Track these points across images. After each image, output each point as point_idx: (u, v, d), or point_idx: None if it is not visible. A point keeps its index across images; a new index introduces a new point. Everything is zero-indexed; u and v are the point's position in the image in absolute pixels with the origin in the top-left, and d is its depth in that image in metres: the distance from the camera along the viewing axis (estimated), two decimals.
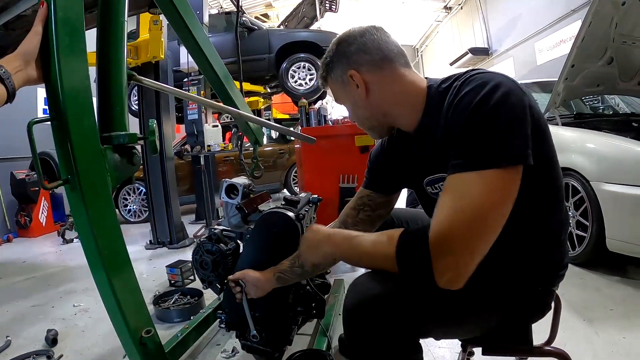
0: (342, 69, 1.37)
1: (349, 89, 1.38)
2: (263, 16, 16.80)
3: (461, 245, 1.03)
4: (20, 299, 3.72)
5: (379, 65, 1.33)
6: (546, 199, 1.23)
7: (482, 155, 1.04)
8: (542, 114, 1.17)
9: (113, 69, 1.56)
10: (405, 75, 1.35)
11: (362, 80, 1.34)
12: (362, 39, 1.35)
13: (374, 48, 1.33)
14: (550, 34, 11.49)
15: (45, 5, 1.27)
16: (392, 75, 1.34)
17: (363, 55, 1.33)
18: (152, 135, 1.55)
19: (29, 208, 7.07)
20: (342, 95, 1.44)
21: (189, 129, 5.98)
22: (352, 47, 1.35)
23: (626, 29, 3.70)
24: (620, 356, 2.13)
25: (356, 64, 1.34)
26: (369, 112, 1.40)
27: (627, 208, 3.01)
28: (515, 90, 1.08)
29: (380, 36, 1.36)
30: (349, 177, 3.32)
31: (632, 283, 3.09)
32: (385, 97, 1.35)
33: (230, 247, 2.02)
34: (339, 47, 1.38)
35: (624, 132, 3.49)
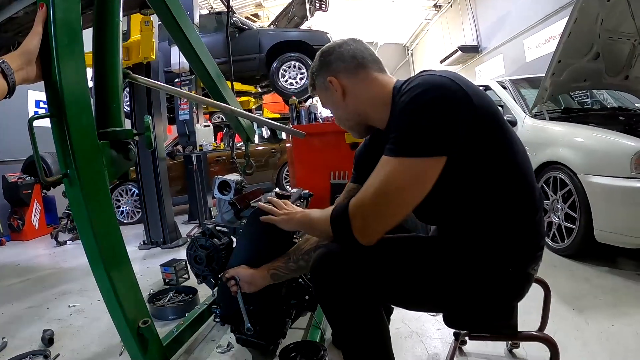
0: (323, 76, 1.57)
1: (330, 93, 1.58)
2: (253, 16, 16.80)
3: (368, 212, 1.27)
4: (15, 300, 3.71)
5: (354, 71, 1.52)
6: (510, 184, 1.32)
7: (402, 145, 1.22)
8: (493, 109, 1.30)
9: (109, 68, 1.60)
10: (378, 79, 1.53)
11: (340, 85, 1.53)
12: (339, 49, 1.55)
13: (350, 57, 1.53)
14: (539, 31, 11.57)
15: (44, 6, 1.31)
16: (365, 79, 1.52)
17: (340, 63, 1.53)
18: (147, 131, 1.61)
19: (22, 211, 7.04)
20: (325, 99, 1.64)
21: (180, 129, 5.98)
22: (332, 56, 1.55)
23: (612, 25, 3.75)
24: (609, 343, 2.17)
25: (334, 71, 1.54)
26: (347, 113, 1.59)
27: (614, 199, 3.08)
28: (449, 92, 1.23)
29: (356, 46, 1.55)
30: (340, 174, 3.35)
31: (621, 273, 3.15)
32: (360, 99, 1.53)
33: (224, 242, 2.05)
34: (321, 58, 1.59)
35: (610, 126, 3.55)
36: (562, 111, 4.46)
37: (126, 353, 2.43)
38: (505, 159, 1.31)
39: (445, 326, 2.10)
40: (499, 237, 1.35)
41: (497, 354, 2.15)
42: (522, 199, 1.34)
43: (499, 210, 1.33)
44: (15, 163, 7.51)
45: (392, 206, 1.26)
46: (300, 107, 3.96)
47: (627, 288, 2.87)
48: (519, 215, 1.35)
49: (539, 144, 3.91)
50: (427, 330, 2.46)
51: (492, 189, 1.31)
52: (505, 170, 1.31)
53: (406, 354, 2.19)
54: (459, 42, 16.64)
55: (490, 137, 1.27)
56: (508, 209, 1.33)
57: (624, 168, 3.00)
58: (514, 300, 1.47)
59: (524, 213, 1.35)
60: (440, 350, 2.23)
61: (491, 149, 1.27)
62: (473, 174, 1.29)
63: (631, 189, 2.96)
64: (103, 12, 1.62)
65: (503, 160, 1.30)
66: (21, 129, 8.22)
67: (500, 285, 1.38)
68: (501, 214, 1.34)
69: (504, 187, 1.32)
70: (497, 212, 1.33)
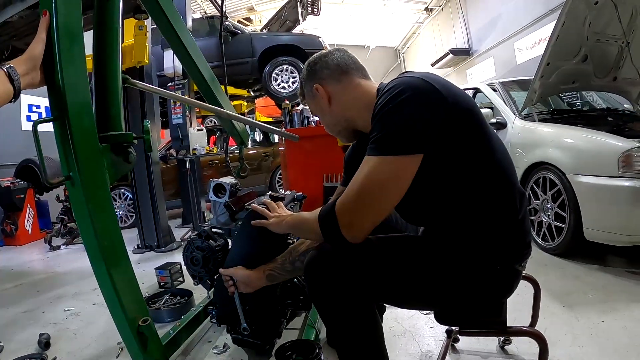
0: (310, 84, 1.65)
1: (317, 100, 1.65)
2: (245, 20, 16.81)
3: (353, 208, 1.31)
4: (10, 305, 3.71)
5: (338, 78, 1.60)
6: (488, 182, 1.37)
7: (380, 144, 1.28)
8: (469, 108, 1.33)
9: (109, 73, 1.64)
10: (361, 84, 1.60)
11: (325, 92, 1.61)
12: (325, 59, 1.63)
13: (334, 65, 1.60)
14: (530, 33, 11.69)
15: (47, 14, 1.34)
16: (349, 86, 1.59)
17: (325, 71, 1.61)
18: (146, 134, 1.66)
19: (15, 216, 7.02)
20: (314, 107, 1.71)
21: (173, 133, 6.00)
22: (317, 65, 1.63)
23: (599, 28, 3.82)
24: (599, 339, 2.22)
25: (320, 79, 1.62)
26: (333, 118, 1.66)
27: (603, 198, 3.13)
28: (422, 92, 1.28)
29: (340, 55, 1.63)
30: (333, 176, 3.38)
31: (611, 270, 3.20)
32: (344, 105, 1.60)
33: (220, 244, 2.08)
34: (308, 67, 1.67)
35: (599, 127, 3.61)
36: (552, 112, 4.53)
37: (123, 355, 2.47)
38: (482, 157, 1.35)
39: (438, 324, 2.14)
40: (482, 236, 1.39)
41: (489, 351, 2.18)
42: (501, 197, 1.38)
43: (478, 208, 1.37)
44: (7, 168, 7.50)
45: (375, 202, 1.30)
46: (293, 111, 3.98)
47: (616, 285, 2.92)
48: (500, 213, 1.38)
49: (529, 145, 3.97)
50: (420, 328, 2.49)
51: (470, 187, 1.36)
52: (482, 167, 1.35)
53: (399, 352, 2.22)
54: (450, 45, 16.77)
55: (466, 135, 1.31)
56: (488, 207, 1.37)
57: (612, 168, 3.06)
58: (503, 296, 1.51)
59: (505, 211, 1.39)
60: (433, 348, 2.26)
61: (467, 146, 1.32)
62: (450, 172, 1.34)
63: (619, 188, 3.01)
64: (103, 19, 1.66)
65: (479, 158, 1.35)
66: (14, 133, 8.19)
67: (489, 282, 1.42)
68: (481, 213, 1.38)
69: (482, 184, 1.36)
70: (477, 210, 1.38)
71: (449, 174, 1.35)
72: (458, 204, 1.38)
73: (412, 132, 1.25)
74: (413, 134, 1.25)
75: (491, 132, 1.39)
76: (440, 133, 1.27)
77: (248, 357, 2.27)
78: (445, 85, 1.32)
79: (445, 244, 1.41)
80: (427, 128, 1.25)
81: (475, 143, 1.33)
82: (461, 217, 1.39)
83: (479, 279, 1.40)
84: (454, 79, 17.46)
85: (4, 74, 1.22)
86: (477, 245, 1.39)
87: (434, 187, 1.38)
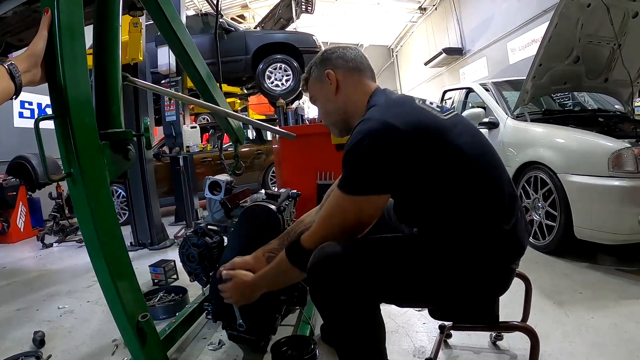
0: (322, 69, 1.69)
1: (323, 85, 1.69)
2: (239, 17, 16.79)
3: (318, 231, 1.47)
4: (2, 303, 3.68)
5: (350, 71, 1.67)
6: (472, 191, 1.42)
7: (340, 183, 1.41)
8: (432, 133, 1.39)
9: (109, 71, 1.65)
10: (366, 86, 1.67)
11: (336, 79, 1.66)
12: (343, 51, 1.70)
13: (351, 58, 1.68)
14: (522, 34, 11.75)
15: (49, 11, 1.35)
16: (358, 82, 1.67)
17: (341, 61, 1.67)
18: (146, 132, 1.68)
19: (7, 213, 6.94)
20: (318, 91, 1.74)
21: (167, 131, 5.98)
22: (334, 55, 1.70)
23: (591, 30, 3.86)
24: (588, 334, 2.26)
25: (334, 66, 1.67)
26: (335, 107, 1.70)
27: (593, 197, 3.17)
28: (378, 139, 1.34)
29: (357, 53, 1.71)
30: (326, 174, 3.39)
31: (600, 268, 3.25)
32: (349, 99, 1.66)
33: (216, 241, 2.10)
34: (324, 54, 1.73)
35: (590, 127, 3.65)
36: (543, 113, 4.56)
37: (118, 352, 2.48)
38: (457, 170, 1.40)
39: (431, 320, 2.17)
40: (472, 239, 1.42)
41: (481, 346, 2.22)
42: (487, 203, 1.42)
43: (465, 215, 1.42)
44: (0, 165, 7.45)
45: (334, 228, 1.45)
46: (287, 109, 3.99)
47: (606, 282, 2.97)
48: (487, 218, 1.42)
49: (521, 145, 4.01)
50: (413, 324, 2.52)
51: (451, 197, 1.42)
52: (460, 180, 1.40)
53: (393, 348, 2.24)
54: (444, 44, 16.81)
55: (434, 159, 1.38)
56: (474, 213, 1.42)
57: (602, 167, 3.10)
58: (497, 293, 1.55)
59: (493, 215, 1.42)
60: (426, 344, 2.29)
61: (436, 166, 1.39)
62: (429, 189, 1.42)
63: (609, 187, 3.06)
64: (103, 17, 1.67)
65: (454, 172, 1.40)
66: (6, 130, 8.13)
67: (484, 279, 1.45)
68: (468, 218, 1.42)
69: (463, 194, 1.41)
70: (463, 217, 1.42)
71: (428, 190, 1.43)
72: (443, 213, 1.44)
73: (370, 177, 1.36)
74: (370, 178, 1.37)
75: (465, 143, 1.43)
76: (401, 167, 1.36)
77: (243, 353, 2.28)
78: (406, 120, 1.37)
79: (440, 243, 1.44)
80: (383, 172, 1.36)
81: (445, 160, 1.39)
82: (448, 223, 1.45)
83: (475, 277, 1.43)
84: (446, 78, 17.53)
85: (5, 70, 1.22)
86: (469, 247, 1.41)
87: (418, 201, 1.47)
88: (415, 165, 1.37)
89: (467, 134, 1.47)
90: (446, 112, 1.52)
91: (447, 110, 1.53)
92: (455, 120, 1.50)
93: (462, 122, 1.53)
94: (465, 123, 1.54)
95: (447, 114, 1.51)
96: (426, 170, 1.38)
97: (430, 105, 1.51)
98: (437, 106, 1.52)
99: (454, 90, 6.31)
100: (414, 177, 1.39)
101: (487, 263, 1.43)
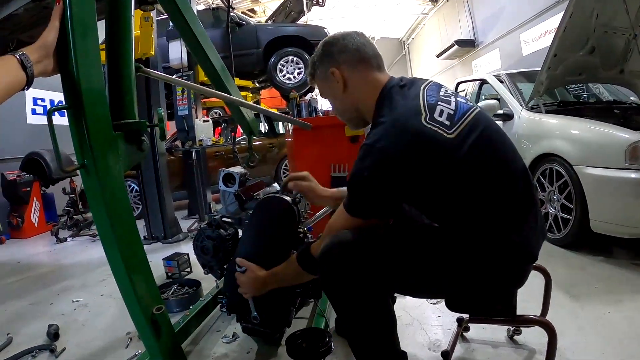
0: (325, 66, 1.62)
1: (330, 84, 1.64)
2: (250, 11, 16.77)
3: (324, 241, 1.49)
4: (17, 298, 3.71)
5: (355, 65, 1.58)
6: (479, 210, 1.39)
7: (345, 203, 1.46)
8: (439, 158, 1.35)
9: (122, 61, 1.64)
10: (375, 77, 1.59)
11: (341, 76, 1.59)
12: (343, 42, 1.60)
13: (353, 50, 1.58)
14: (535, 25, 11.58)
15: (61, 1, 1.34)
16: (364, 75, 1.59)
17: (343, 55, 1.59)
18: (160, 123, 1.67)
19: (21, 209, 7.01)
20: (326, 89, 1.69)
21: (179, 125, 6.00)
22: (335, 48, 1.60)
23: (606, 19, 3.79)
24: (604, 329, 2.24)
25: (337, 62, 1.59)
26: (345, 105, 1.65)
27: (609, 190, 3.13)
28: (379, 170, 1.35)
29: (359, 40, 1.61)
30: (340, 167, 3.38)
31: (616, 262, 3.21)
32: (357, 94, 1.60)
33: (230, 233, 2.09)
34: (324, 48, 1.64)
35: (605, 119, 3.60)
36: (558, 104, 4.52)
37: (132, 345, 2.49)
38: (462, 191, 1.38)
39: (446, 314, 2.15)
40: (487, 237, 1.40)
41: (498, 340, 2.20)
42: (496, 218, 1.40)
43: (473, 231, 1.40)
44: (13, 161, 7.50)
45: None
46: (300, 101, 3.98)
47: (621, 276, 2.94)
48: (497, 233, 1.40)
49: (536, 137, 3.96)
50: (427, 317, 2.50)
51: (457, 217, 1.42)
52: (465, 200, 1.38)
53: (408, 341, 2.23)
54: (456, 36, 16.64)
55: (434, 183, 1.37)
56: (483, 229, 1.40)
57: (619, 159, 3.06)
58: (515, 286, 1.53)
59: (504, 230, 1.40)
60: (441, 337, 2.27)
61: (438, 191, 1.38)
62: (435, 209, 1.46)
63: (625, 179, 3.01)
64: (116, 7, 1.66)
65: (458, 193, 1.38)
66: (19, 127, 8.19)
67: (500, 273, 1.44)
68: (477, 235, 1.40)
69: (469, 214, 1.40)
70: (471, 233, 1.40)
71: (431, 208, 1.47)
72: (454, 216, 1.43)
73: (370, 205, 1.42)
74: (371, 207, 1.42)
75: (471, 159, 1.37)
76: (400, 194, 1.40)
77: (257, 346, 2.29)
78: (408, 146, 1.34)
79: (457, 235, 1.42)
80: (382, 201, 1.41)
81: (447, 183, 1.37)
82: (461, 224, 1.42)
83: (489, 270, 1.42)
84: (459, 70, 17.40)
85: (17, 61, 1.20)
86: (482, 250, 1.40)
87: (425, 213, 1.50)
88: (415, 190, 1.39)
89: (479, 146, 1.39)
90: (457, 121, 1.40)
91: (458, 120, 1.41)
92: (466, 131, 1.39)
93: (476, 130, 1.41)
94: (479, 131, 1.41)
95: (457, 126, 1.39)
96: (426, 192, 1.39)
97: (438, 119, 1.38)
98: (448, 115, 1.40)
99: (468, 81, 6.25)
100: (415, 198, 1.44)
101: (500, 264, 1.42)
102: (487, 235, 1.39)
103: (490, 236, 1.39)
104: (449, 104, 1.44)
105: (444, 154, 1.34)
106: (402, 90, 1.50)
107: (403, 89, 1.51)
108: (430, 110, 1.39)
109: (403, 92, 1.50)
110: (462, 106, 1.46)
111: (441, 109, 1.41)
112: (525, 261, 1.46)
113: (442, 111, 1.40)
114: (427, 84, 1.54)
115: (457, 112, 1.42)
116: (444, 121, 1.38)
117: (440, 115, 1.39)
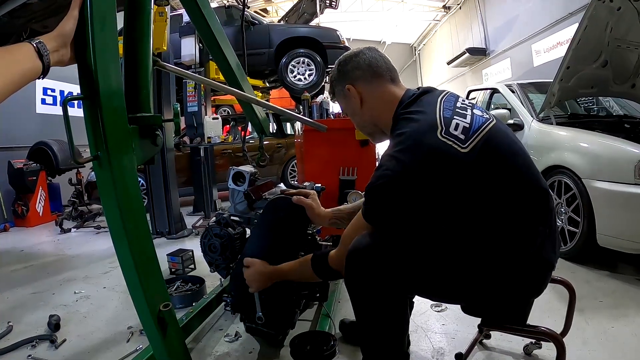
0: (342, 84, 1.68)
1: (348, 100, 1.69)
2: (262, 11, 16.79)
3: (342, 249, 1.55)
4: (19, 286, 3.72)
5: (369, 80, 1.63)
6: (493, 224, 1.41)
7: (363, 209, 1.50)
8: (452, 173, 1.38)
9: (139, 54, 1.63)
10: (390, 90, 1.63)
11: (357, 93, 1.65)
12: (356, 59, 1.65)
13: (366, 65, 1.63)
14: (548, 36, 11.54)
15: None
16: (379, 89, 1.63)
17: (357, 72, 1.64)
18: (176, 117, 1.67)
19: (26, 198, 7.05)
20: (345, 106, 1.75)
21: (188, 121, 6.01)
22: (349, 65, 1.66)
23: (621, 33, 3.77)
24: (609, 343, 2.23)
25: (351, 79, 1.65)
26: (365, 120, 1.70)
27: (617, 205, 3.12)
28: (394, 183, 1.39)
29: (371, 55, 1.66)
30: (349, 170, 3.37)
31: (621, 277, 3.20)
32: (374, 108, 1.64)
33: (238, 232, 2.09)
34: (339, 67, 1.70)
35: (615, 133, 3.59)
36: (569, 117, 4.50)
37: (133, 340, 2.49)
38: (475, 205, 1.40)
39: (450, 322, 2.15)
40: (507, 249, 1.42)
41: (515, 351, 2.19)
42: (510, 233, 1.41)
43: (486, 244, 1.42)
44: (21, 149, 7.53)
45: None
46: (312, 103, 3.96)
47: (627, 291, 2.92)
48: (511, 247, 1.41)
49: (545, 148, 3.95)
50: (431, 325, 2.50)
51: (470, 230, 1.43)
52: (479, 214, 1.41)
53: (412, 349, 2.22)
54: (467, 44, 16.62)
55: (447, 197, 1.40)
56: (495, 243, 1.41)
57: (628, 174, 3.04)
58: (532, 295, 1.54)
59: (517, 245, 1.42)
60: (445, 345, 2.27)
61: (451, 206, 1.41)
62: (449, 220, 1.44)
63: (634, 195, 2.99)
64: None
65: (471, 207, 1.41)
66: (28, 116, 8.22)
67: (519, 280, 1.45)
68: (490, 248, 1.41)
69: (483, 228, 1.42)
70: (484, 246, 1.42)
71: (446, 220, 1.45)
72: (470, 225, 1.43)
73: (383, 214, 1.45)
74: (384, 216, 1.45)
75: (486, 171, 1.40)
76: (413, 206, 1.42)
77: (260, 346, 2.28)
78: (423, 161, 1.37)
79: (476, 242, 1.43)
80: (395, 212, 1.43)
81: (459, 197, 1.40)
82: (477, 233, 1.43)
83: (507, 277, 1.43)
84: (469, 78, 17.37)
85: (34, 49, 1.18)
86: (501, 252, 1.42)
87: (447, 216, 1.45)
88: (431, 201, 1.40)
89: (492, 159, 1.40)
90: (472, 135, 1.41)
91: (473, 133, 1.41)
92: (480, 145, 1.39)
93: (490, 143, 1.42)
94: (494, 144, 1.43)
95: (471, 140, 1.39)
96: (442, 203, 1.41)
97: (454, 133, 1.39)
98: (463, 128, 1.41)
99: (479, 90, 6.24)
100: (431, 209, 1.43)
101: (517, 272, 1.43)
102: (502, 245, 1.40)
103: (505, 245, 1.40)
104: (465, 118, 1.45)
105: (457, 167, 1.36)
106: (419, 103, 1.53)
107: (420, 102, 1.53)
108: (446, 125, 1.41)
109: (420, 105, 1.52)
110: (478, 119, 1.47)
111: (457, 122, 1.42)
112: (542, 270, 1.47)
113: (458, 125, 1.42)
114: (444, 96, 1.55)
115: (472, 125, 1.44)
116: (459, 135, 1.39)
117: (455, 129, 1.41)
